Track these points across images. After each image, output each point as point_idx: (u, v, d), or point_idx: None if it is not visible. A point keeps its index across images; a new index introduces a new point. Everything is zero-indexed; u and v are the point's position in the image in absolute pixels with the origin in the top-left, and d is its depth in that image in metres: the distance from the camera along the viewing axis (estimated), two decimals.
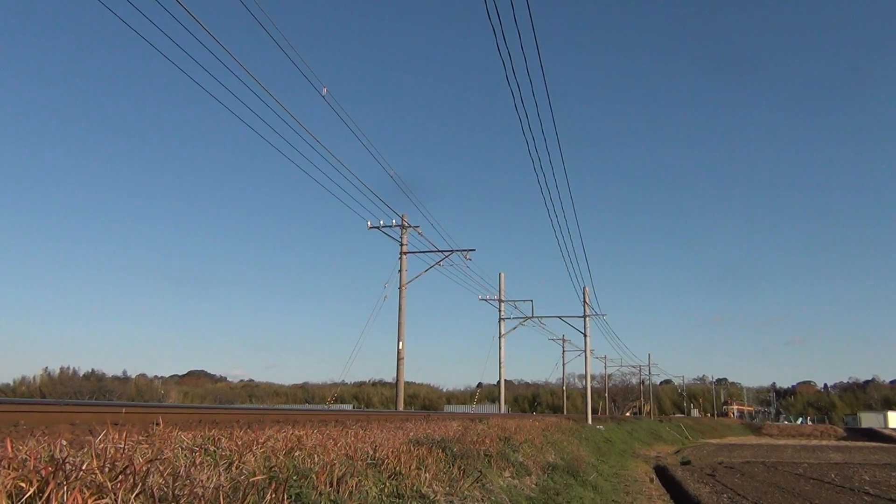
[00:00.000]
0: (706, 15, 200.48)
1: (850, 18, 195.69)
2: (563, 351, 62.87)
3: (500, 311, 40.26)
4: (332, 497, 5.35)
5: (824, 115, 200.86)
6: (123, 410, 7.03)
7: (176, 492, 3.90)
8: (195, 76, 13.00)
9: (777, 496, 17.33)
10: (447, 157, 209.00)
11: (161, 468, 4.18)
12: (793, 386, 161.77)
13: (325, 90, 16.22)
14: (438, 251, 28.43)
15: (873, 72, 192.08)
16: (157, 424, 6.04)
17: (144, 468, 3.95)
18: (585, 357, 46.28)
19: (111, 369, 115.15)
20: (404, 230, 27.32)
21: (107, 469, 3.75)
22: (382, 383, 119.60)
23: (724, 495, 17.40)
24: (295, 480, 5.26)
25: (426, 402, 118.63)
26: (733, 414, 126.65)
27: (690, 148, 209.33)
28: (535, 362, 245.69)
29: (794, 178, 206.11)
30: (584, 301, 43.60)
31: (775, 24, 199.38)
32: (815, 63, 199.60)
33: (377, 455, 7.12)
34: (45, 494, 3.29)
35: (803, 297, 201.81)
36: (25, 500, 3.28)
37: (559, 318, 45.25)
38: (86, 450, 4.21)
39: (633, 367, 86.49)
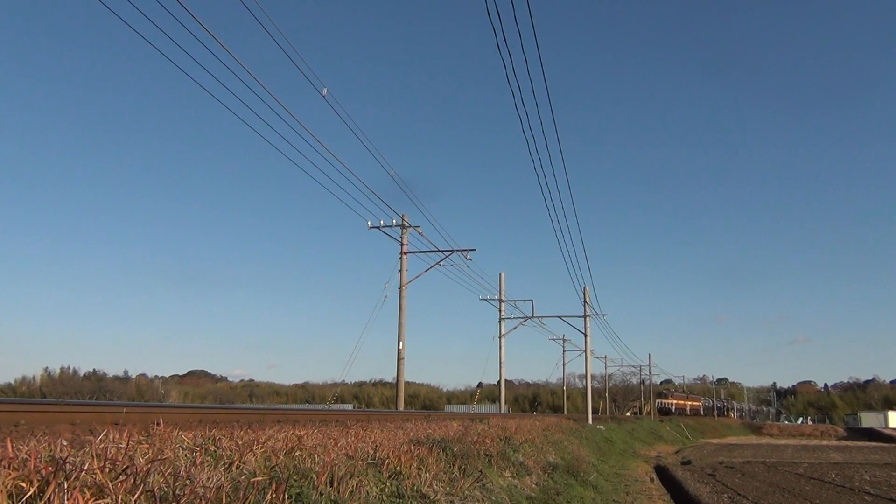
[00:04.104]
0: (706, 15, 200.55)
1: (850, 18, 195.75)
2: (564, 351, 62.78)
3: (500, 311, 40.26)
4: (333, 497, 5.35)
5: (824, 115, 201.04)
6: (124, 410, 7.03)
7: (177, 492, 3.90)
8: (195, 76, 12.98)
9: (777, 496, 17.32)
10: (447, 157, 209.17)
11: (162, 468, 4.18)
12: (793, 386, 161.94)
13: (325, 90, 16.21)
14: (439, 251, 28.43)
15: (873, 72, 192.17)
16: (158, 424, 6.04)
17: (145, 468, 3.95)
18: (586, 357, 46.29)
19: (112, 369, 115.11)
20: (404, 230, 27.31)
21: (107, 469, 3.75)
22: (383, 383, 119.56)
23: (725, 495, 17.40)
24: (295, 480, 5.25)
25: (426, 401, 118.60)
26: (673, 410, 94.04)
27: (690, 148, 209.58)
28: (536, 362, 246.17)
29: (795, 177, 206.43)
30: (585, 301, 43.58)
31: (775, 24, 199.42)
32: (815, 63, 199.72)
33: (378, 455, 7.12)
34: (46, 495, 3.29)
35: (803, 297, 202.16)
36: (26, 500, 3.28)
37: (559, 317, 45.23)
38: (86, 450, 4.21)
39: (633, 366, 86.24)
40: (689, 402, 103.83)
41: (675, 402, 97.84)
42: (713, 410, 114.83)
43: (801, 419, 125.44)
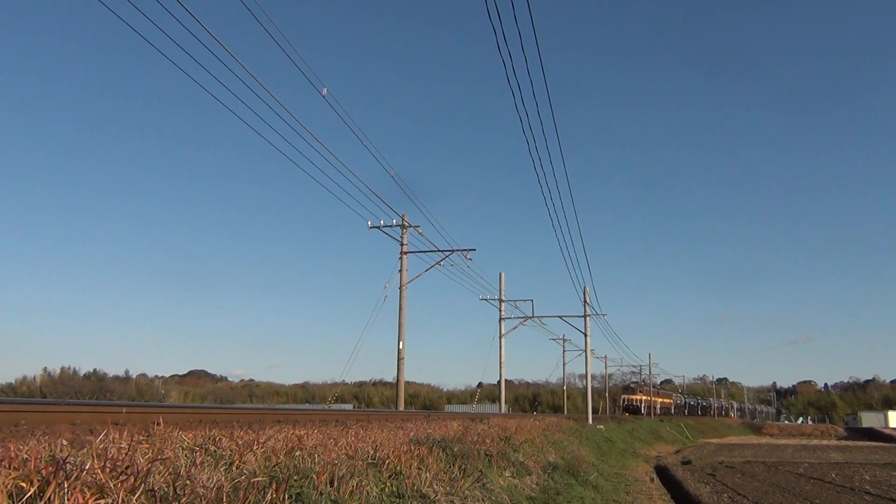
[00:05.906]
0: (706, 15, 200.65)
1: (849, 18, 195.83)
2: (564, 351, 62.76)
3: (500, 310, 40.26)
4: (333, 497, 5.35)
5: (824, 115, 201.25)
6: (124, 410, 7.03)
7: (177, 492, 3.90)
8: (195, 76, 12.98)
9: (778, 496, 17.32)
10: (447, 157, 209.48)
11: (162, 468, 4.18)
12: (793, 385, 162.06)
13: (325, 90, 16.22)
14: (439, 251, 28.44)
15: (873, 72, 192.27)
16: (158, 424, 6.03)
17: (146, 468, 3.95)
18: (586, 357, 46.29)
19: (112, 369, 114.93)
20: (404, 230, 27.31)
21: (108, 469, 3.75)
22: (383, 383, 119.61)
23: (725, 495, 17.39)
24: (296, 480, 5.25)
25: (427, 401, 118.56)
26: (641, 409, 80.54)
27: (690, 148, 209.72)
28: (536, 362, 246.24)
29: (795, 178, 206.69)
30: (585, 301, 43.58)
31: (775, 24, 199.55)
32: (815, 63, 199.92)
33: (378, 455, 7.12)
34: (47, 494, 3.29)
35: (803, 298, 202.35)
36: (26, 500, 3.28)
37: (559, 317, 45.25)
38: (86, 450, 4.21)
39: (633, 366, 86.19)
40: (660, 399, 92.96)
41: (643, 397, 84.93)
42: (685, 409, 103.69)
43: (801, 419, 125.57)
